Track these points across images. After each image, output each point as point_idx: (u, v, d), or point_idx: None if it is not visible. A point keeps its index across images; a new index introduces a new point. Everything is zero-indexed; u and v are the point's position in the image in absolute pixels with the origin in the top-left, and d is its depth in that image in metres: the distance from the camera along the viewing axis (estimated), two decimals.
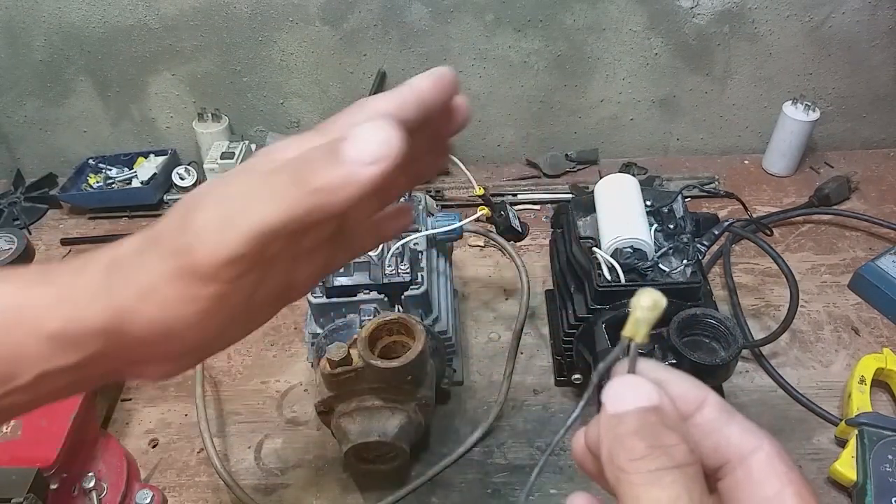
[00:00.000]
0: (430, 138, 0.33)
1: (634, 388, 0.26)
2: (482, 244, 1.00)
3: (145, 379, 0.31)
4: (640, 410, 0.25)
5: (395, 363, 0.60)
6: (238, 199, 0.27)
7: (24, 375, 0.28)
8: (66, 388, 0.30)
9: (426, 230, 0.73)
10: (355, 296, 0.68)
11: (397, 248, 0.69)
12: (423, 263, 0.71)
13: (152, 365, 0.31)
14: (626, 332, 0.27)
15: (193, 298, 0.27)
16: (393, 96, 0.29)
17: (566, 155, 1.14)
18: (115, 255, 0.29)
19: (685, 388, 0.27)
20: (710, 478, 0.27)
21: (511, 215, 0.78)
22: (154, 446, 0.77)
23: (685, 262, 0.69)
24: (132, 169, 1.13)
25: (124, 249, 0.29)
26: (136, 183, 1.11)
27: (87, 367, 0.29)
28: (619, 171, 1.00)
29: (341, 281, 0.69)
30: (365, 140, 0.26)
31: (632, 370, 0.27)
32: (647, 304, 0.27)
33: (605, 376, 0.28)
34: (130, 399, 0.82)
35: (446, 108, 0.32)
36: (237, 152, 1.03)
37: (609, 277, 0.68)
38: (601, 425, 0.26)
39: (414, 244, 0.72)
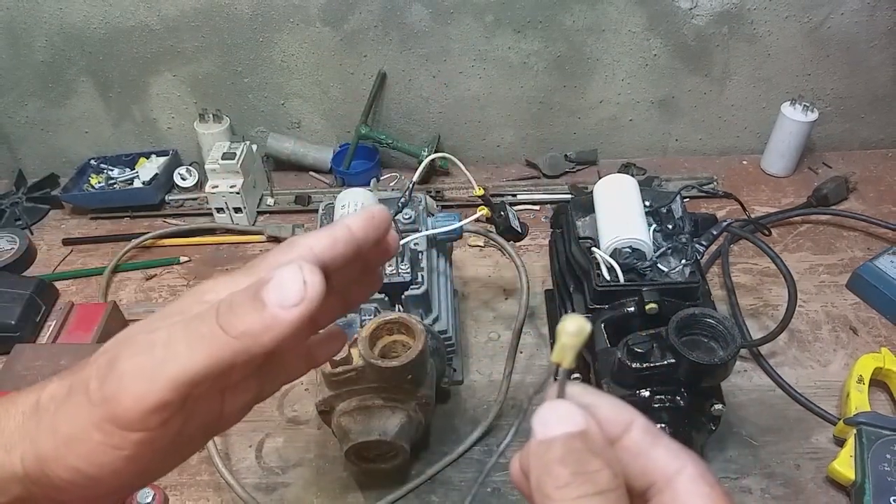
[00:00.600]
0: (362, 268, 0.34)
1: (561, 414, 0.26)
2: (482, 244, 1.01)
3: None
4: (566, 436, 0.26)
5: (395, 362, 0.60)
6: (162, 348, 0.27)
7: None
8: None
9: (426, 230, 0.74)
10: None
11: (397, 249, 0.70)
12: (423, 263, 0.71)
13: None
14: (554, 357, 0.28)
15: (118, 446, 0.28)
16: (326, 235, 0.31)
17: (565, 155, 1.14)
18: (39, 400, 0.30)
19: (612, 411, 0.28)
20: (640, 500, 0.27)
21: (511, 215, 0.78)
22: None
23: (684, 261, 0.69)
24: (134, 169, 1.14)
25: (48, 394, 0.30)
26: (137, 183, 1.11)
27: None
28: (619, 172, 1.00)
29: None
30: (286, 284, 0.27)
31: (560, 395, 0.28)
32: (572, 330, 0.27)
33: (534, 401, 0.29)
34: None
35: (379, 243, 0.33)
36: (238, 153, 1.03)
37: (608, 277, 0.68)
38: (530, 452, 0.27)
39: (414, 244, 0.72)
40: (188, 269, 1.01)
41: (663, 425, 0.62)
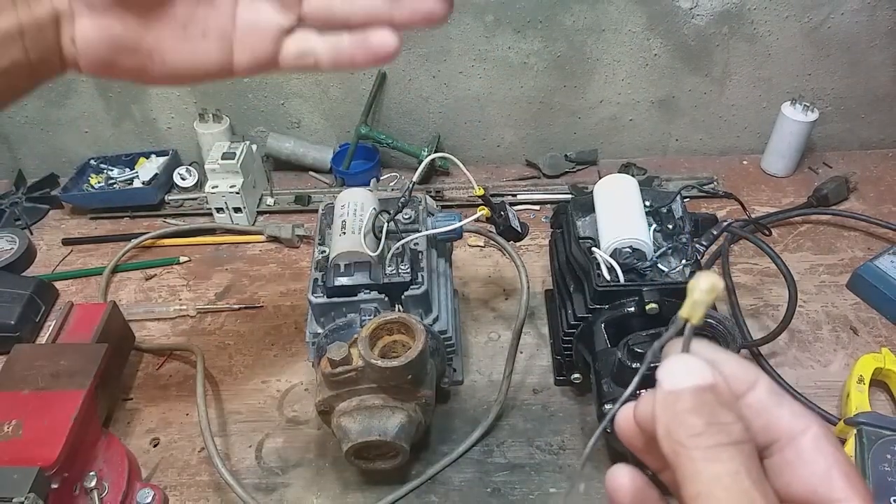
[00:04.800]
0: None
1: (690, 367, 0.27)
2: (482, 244, 1.01)
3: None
4: (696, 388, 0.26)
5: (395, 363, 0.60)
6: None
7: None
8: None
9: (426, 230, 0.74)
10: (356, 296, 0.68)
11: (397, 248, 0.70)
12: (423, 263, 0.71)
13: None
14: (683, 313, 0.28)
15: None
16: None
17: (566, 155, 1.14)
18: None
19: (738, 368, 0.28)
20: (758, 456, 0.28)
21: (511, 215, 0.78)
22: (155, 445, 0.77)
23: (684, 262, 0.69)
24: (133, 169, 1.14)
25: None
26: (137, 183, 1.11)
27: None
28: (619, 172, 1.00)
29: (342, 281, 0.69)
30: None
31: (686, 349, 0.28)
32: (705, 287, 0.27)
33: (658, 357, 0.29)
34: (132, 399, 0.82)
35: None
36: (238, 153, 1.03)
37: (608, 277, 0.68)
38: (657, 402, 0.27)
39: (414, 244, 0.72)
40: (188, 269, 1.01)
41: None
